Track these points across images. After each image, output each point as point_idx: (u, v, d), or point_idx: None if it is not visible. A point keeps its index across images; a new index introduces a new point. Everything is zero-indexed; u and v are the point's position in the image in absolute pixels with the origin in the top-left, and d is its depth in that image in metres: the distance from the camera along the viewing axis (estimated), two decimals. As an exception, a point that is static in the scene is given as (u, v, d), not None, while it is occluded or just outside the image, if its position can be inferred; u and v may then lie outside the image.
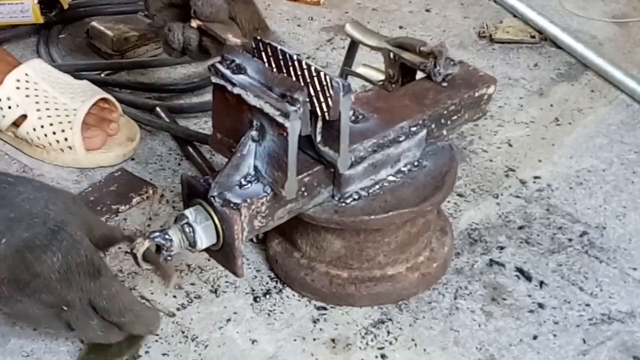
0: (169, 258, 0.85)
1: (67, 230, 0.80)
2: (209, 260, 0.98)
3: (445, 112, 0.99)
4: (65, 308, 0.80)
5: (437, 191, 0.93)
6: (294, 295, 0.98)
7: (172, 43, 1.01)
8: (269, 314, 0.95)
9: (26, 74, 1.16)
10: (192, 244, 0.85)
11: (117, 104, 1.20)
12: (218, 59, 0.88)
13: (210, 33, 1.02)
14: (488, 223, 1.08)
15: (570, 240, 1.06)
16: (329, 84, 0.82)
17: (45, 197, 0.82)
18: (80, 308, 0.81)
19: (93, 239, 0.83)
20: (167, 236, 0.84)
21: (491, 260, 1.03)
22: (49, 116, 1.14)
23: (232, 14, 1.03)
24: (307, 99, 0.83)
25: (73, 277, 0.79)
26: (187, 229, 0.84)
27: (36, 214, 0.80)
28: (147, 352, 0.90)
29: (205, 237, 0.85)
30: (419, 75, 1.04)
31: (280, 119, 0.81)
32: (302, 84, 0.84)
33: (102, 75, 1.35)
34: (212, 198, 0.84)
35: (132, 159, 1.18)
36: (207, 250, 0.87)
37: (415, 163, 0.96)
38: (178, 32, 1.00)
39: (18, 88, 1.15)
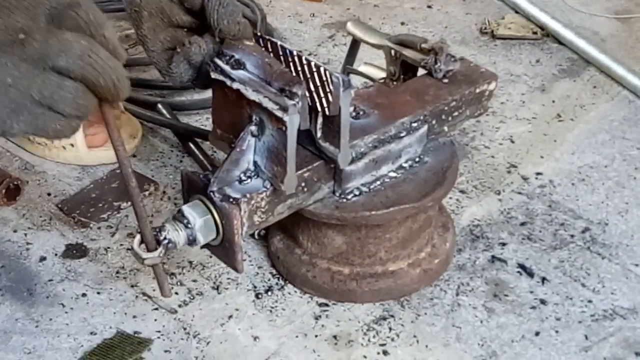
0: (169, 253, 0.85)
1: None
2: (210, 257, 0.98)
3: (446, 108, 0.98)
4: (22, 36, 0.69)
5: (438, 187, 0.93)
6: (295, 291, 0.98)
7: (194, 57, 0.88)
8: (270, 311, 0.95)
9: (27, 72, 1.15)
10: (192, 240, 0.85)
11: (118, 101, 1.19)
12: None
13: None
14: (490, 219, 1.08)
15: (572, 236, 1.06)
16: (329, 80, 0.82)
17: None
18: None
19: None
20: (167, 232, 0.84)
21: (493, 256, 1.02)
22: (50, 113, 1.14)
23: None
24: (307, 94, 0.83)
25: None
26: (187, 225, 0.84)
27: None
28: (149, 349, 0.90)
29: (205, 233, 0.85)
30: (420, 72, 1.04)
31: (279, 113, 0.81)
32: (303, 79, 0.84)
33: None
34: (211, 193, 0.84)
35: (134, 156, 1.18)
36: (207, 246, 0.87)
37: (417, 159, 0.96)
38: (202, 43, 0.89)
39: (19, 85, 1.14)
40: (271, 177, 0.85)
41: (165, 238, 0.84)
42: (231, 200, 0.84)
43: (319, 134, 0.87)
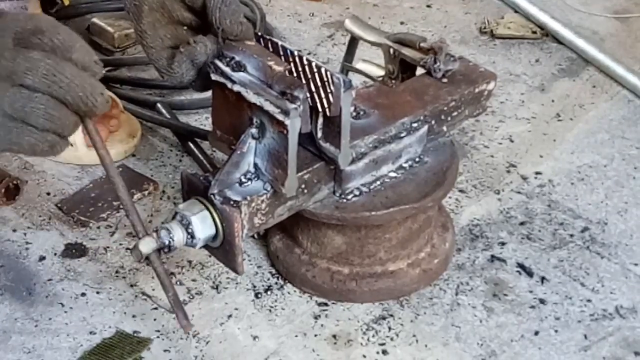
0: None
1: None
2: (210, 256, 0.98)
3: (445, 108, 0.98)
4: None
5: (438, 187, 0.93)
6: (295, 291, 0.98)
7: (198, 56, 0.87)
8: (270, 310, 0.95)
9: (27, 71, 1.15)
10: (192, 241, 0.85)
11: (118, 100, 1.20)
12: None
13: None
14: (489, 219, 1.08)
15: (571, 235, 1.06)
16: (330, 80, 0.82)
17: None
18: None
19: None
20: (170, 234, 0.84)
21: (492, 256, 1.02)
22: (49, 113, 1.14)
23: None
24: (308, 96, 0.83)
25: None
26: (186, 226, 0.84)
27: None
28: (148, 348, 0.90)
29: (204, 235, 0.85)
30: (419, 71, 1.04)
31: (280, 117, 0.81)
32: (303, 80, 0.84)
33: (103, 71, 1.34)
34: (212, 196, 0.84)
35: (133, 156, 1.18)
36: (207, 247, 0.87)
37: (417, 159, 0.96)
38: (208, 43, 0.87)
39: (19, 84, 1.14)
40: (272, 180, 0.85)
41: (167, 244, 0.84)
42: (232, 202, 0.84)
43: (319, 135, 0.87)
